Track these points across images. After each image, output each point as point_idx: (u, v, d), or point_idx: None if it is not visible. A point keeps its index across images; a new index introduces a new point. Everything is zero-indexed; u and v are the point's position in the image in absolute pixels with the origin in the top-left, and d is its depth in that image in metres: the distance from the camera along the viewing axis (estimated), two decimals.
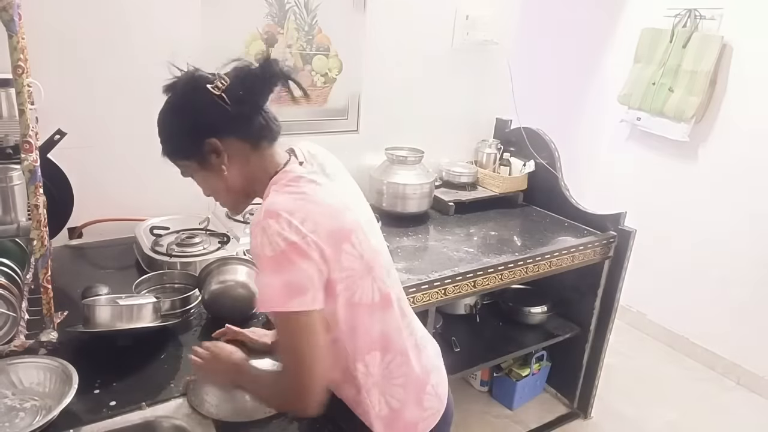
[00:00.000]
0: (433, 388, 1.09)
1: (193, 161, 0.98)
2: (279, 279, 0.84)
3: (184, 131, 0.96)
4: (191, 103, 0.94)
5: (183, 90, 0.95)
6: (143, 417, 1.01)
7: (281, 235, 0.84)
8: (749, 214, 2.76)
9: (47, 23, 1.58)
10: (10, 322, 1.16)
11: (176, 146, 0.98)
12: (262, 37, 1.96)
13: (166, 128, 0.98)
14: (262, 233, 0.85)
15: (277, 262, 0.84)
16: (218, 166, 0.96)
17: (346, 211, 0.95)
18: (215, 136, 0.94)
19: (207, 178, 1.00)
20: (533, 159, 2.47)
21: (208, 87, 0.92)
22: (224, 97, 0.92)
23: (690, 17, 2.84)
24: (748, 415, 2.67)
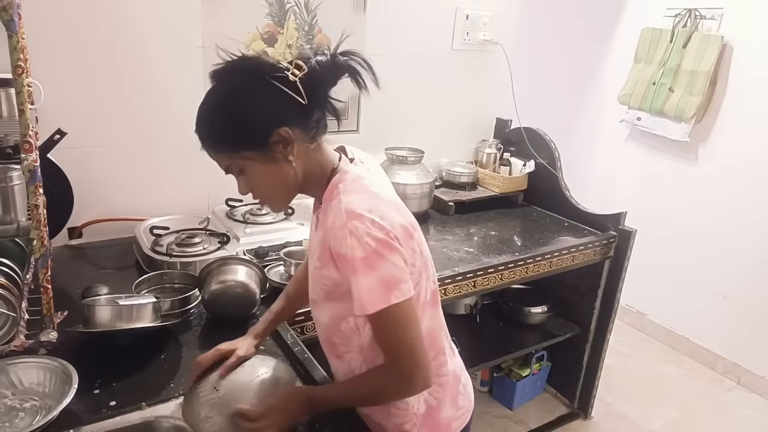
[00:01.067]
0: (464, 387, 1.12)
1: (256, 152, 0.91)
2: (375, 277, 0.85)
3: (250, 119, 0.89)
4: (260, 89, 0.88)
5: (248, 75, 0.90)
6: (143, 417, 1.01)
7: (369, 234, 0.85)
8: (749, 213, 2.76)
9: (47, 23, 1.58)
10: (10, 322, 1.16)
11: (235, 137, 0.90)
12: (263, 37, 1.97)
13: (223, 117, 0.90)
14: (350, 236, 0.85)
15: (370, 261, 0.85)
16: (284, 159, 0.91)
17: (403, 210, 0.97)
18: (286, 126, 0.89)
19: (265, 173, 0.93)
20: (533, 159, 2.47)
21: (284, 73, 0.88)
22: (298, 86, 0.88)
23: (690, 17, 2.84)
24: (748, 415, 2.67)
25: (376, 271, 0.85)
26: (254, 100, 0.89)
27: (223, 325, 1.34)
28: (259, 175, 0.94)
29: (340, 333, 1.02)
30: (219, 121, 0.91)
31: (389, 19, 2.23)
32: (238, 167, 0.93)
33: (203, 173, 1.95)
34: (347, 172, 0.96)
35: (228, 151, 0.92)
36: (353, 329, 1.00)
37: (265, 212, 1.89)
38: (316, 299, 1.03)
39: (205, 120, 0.92)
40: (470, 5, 2.41)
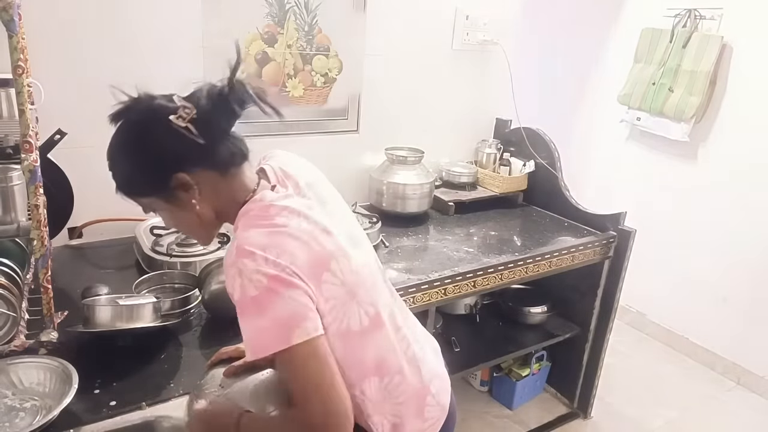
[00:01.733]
0: (434, 397, 1.04)
1: (157, 198, 0.89)
2: (269, 318, 0.79)
3: (146, 167, 0.87)
4: (153, 135, 0.85)
5: (141, 120, 0.87)
6: (143, 417, 1.01)
7: (260, 271, 0.78)
8: (749, 213, 2.76)
9: (47, 23, 1.58)
10: (10, 322, 1.16)
11: (136, 183, 0.89)
12: (262, 37, 1.97)
13: (121, 164, 0.89)
14: (239, 275, 0.79)
15: (260, 300, 0.78)
16: (188, 201, 0.89)
17: (323, 236, 0.88)
18: (183, 170, 0.86)
19: (174, 214, 0.92)
20: (533, 159, 2.47)
21: (170, 118, 0.84)
22: (190, 128, 0.84)
23: (690, 17, 2.84)
24: (748, 415, 2.67)
25: (270, 311, 0.79)
26: (148, 148, 0.87)
27: (223, 325, 1.34)
28: (170, 217, 0.94)
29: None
30: (119, 168, 0.89)
31: (389, 19, 2.23)
32: (149, 208, 0.93)
33: None
34: (257, 201, 0.90)
35: (135, 196, 0.91)
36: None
37: None
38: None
39: (109, 162, 0.90)
40: (470, 5, 2.41)
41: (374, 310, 0.94)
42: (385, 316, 0.97)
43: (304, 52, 2.09)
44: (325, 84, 2.17)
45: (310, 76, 2.12)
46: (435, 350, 1.13)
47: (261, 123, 2.02)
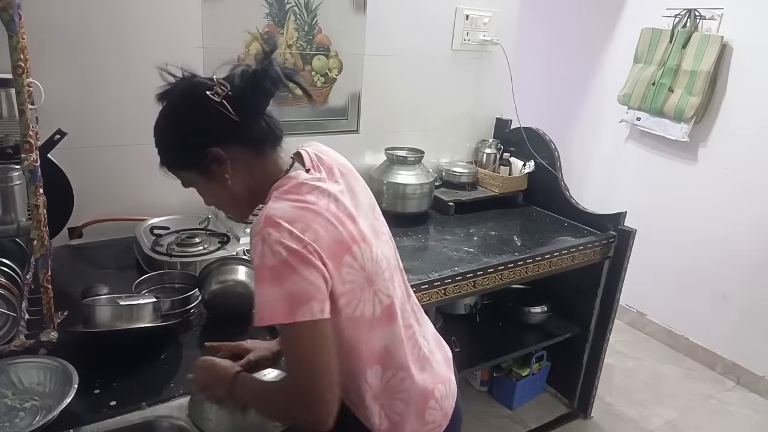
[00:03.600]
0: (438, 401, 1.04)
1: (194, 171, 0.95)
2: (281, 290, 0.81)
3: (184, 141, 0.93)
4: (190, 112, 0.91)
5: (181, 97, 0.92)
6: (143, 417, 1.01)
7: (282, 243, 0.81)
8: (749, 213, 2.76)
9: (47, 23, 1.58)
10: (10, 322, 1.16)
11: (176, 157, 0.95)
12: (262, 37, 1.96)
13: (164, 138, 0.95)
14: (262, 242, 0.82)
15: (278, 271, 0.81)
16: (221, 176, 0.93)
17: (349, 221, 0.91)
18: (217, 145, 0.91)
19: (209, 188, 0.97)
20: (533, 159, 2.47)
21: (207, 94, 0.88)
22: (225, 104, 0.88)
23: (690, 17, 2.84)
24: (748, 415, 2.67)
25: (283, 284, 0.81)
26: (186, 122, 0.92)
27: (223, 325, 1.34)
28: (206, 191, 0.99)
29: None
30: (162, 143, 0.95)
31: (389, 19, 2.23)
32: (187, 183, 0.99)
33: None
34: (291, 178, 0.93)
35: (175, 169, 0.97)
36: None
37: None
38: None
39: (155, 141, 0.96)
40: (470, 5, 2.41)
41: (388, 302, 0.97)
42: (398, 311, 0.99)
43: (304, 52, 2.09)
44: (325, 84, 2.17)
45: (310, 76, 2.12)
46: (447, 358, 1.14)
47: None
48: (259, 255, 0.82)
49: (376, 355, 0.96)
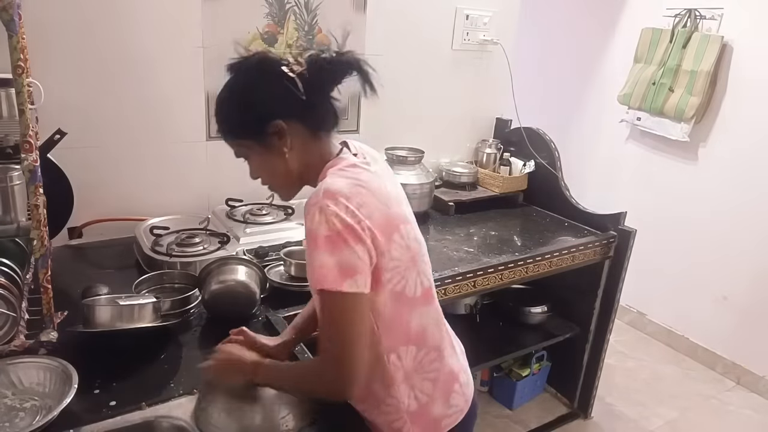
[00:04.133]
0: (461, 386, 1.11)
1: (253, 141, 0.97)
2: (333, 258, 0.85)
3: (250, 110, 0.95)
4: (262, 83, 0.95)
5: (254, 69, 0.96)
6: (143, 417, 1.01)
7: (338, 216, 0.86)
8: (749, 213, 2.76)
9: (47, 23, 1.58)
10: (10, 322, 1.16)
11: (238, 125, 0.98)
12: (263, 37, 1.97)
13: (229, 106, 0.98)
14: (319, 212, 0.86)
15: (332, 241, 0.85)
16: (279, 149, 0.96)
17: (395, 203, 0.98)
18: (281, 119, 0.94)
19: (265, 161, 0.99)
20: (533, 159, 2.47)
21: (283, 69, 0.93)
22: (297, 81, 0.92)
23: (690, 17, 2.84)
24: (748, 415, 2.67)
25: (335, 254, 0.85)
26: (256, 93, 0.95)
27: (223, 325, 1.34)
28: (260, 163, 1.01)
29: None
30: (225, 110, 0.98)
31: (389, 19, 2.23)
32: (242, 153, 1.01)
33: (203, 173, 1.96)
34: (343, 159, 0.98)
35: (231, 137, 0.99)
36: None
37: (265, 212, 1.89)
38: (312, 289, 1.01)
39: (217, 107, 0.99)
40: (470, 5, 2.41)
41: (428, 285, 1.03)
42: (434, 294, 1.07)
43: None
44: None
45: None
46: (462, 351, 1.19)
47: None
48: (316, 223, 0.86)
49: (412, 335, 1.01)
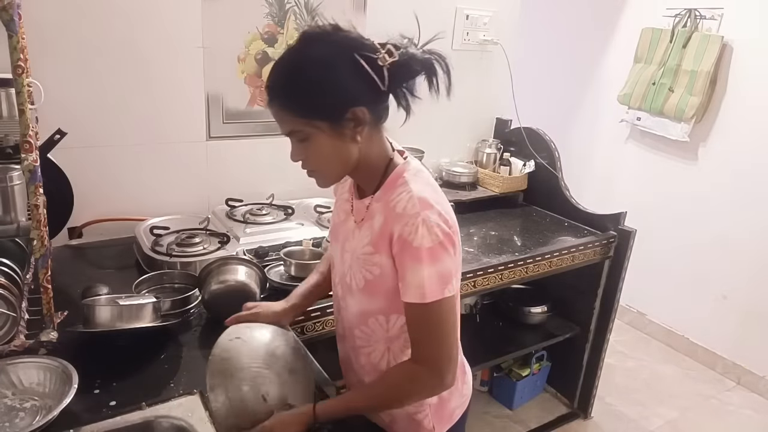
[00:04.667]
0: (467, 376, 1.17)
1: (327, 124, 0.89)
2: (434, 269, 0.87)
3: (335, 92, 0.88)
4: (351, 66, 0.87)
5: (345, 48, 0.88)
6: (143, 417, 1.01)
7: (439, 226, 0.88)
8: (749, 213, 2.76)
9: (47, 23, 1.58)
10: (10, 322, 1.16)
11: (316, 104, 0.88)
12: (262, 37, 1.97)
13: (309, 82, 0.87)
14: (422, 225, 0.87)
15: (435, 252, 0.87)
16: (351, 136, 0.91)
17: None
18: (362, 106, 0.89)
19: (328, 146, 0.91)
20: (533, 159, 2.47)
21: (374, 56, 0.87)
22: (384, 72, 0.88)
23: (690, 17, 2.84)
24: (748, 415, 2.67)
25: (437, 264, 0.88)
26: (340, 73, 0.87)
27: (223, 326, 1.34)
28: (322, 147, 0.92)
29: (365, 328, 1.04)
30: (301, 85, 0.88)
31: (389, 19, 2.22)
32: (304, 134, 0.91)
33: (203, 173, 1.96)
34: (409, 162, 0.98)
35: (300, 115, 0.90)
36: (380, 325, 1.02)
37: (265, 212, 1.89)
38: (353, 287, 1.02)
39: (287, 79, 0.89)
40: (470, 5, 2.41)
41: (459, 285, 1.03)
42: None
43: None
44: None
45: None
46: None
47: (261, 123, 2.02)
48: (419, 237, 0.87)
49: None
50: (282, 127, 0.93)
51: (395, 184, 0.95)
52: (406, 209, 0.90)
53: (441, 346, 0.91)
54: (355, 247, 1.01)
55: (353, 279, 1.01)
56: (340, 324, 1.12)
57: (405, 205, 0.90)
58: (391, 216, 0.92)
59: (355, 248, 1.00)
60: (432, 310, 0.90)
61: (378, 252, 0.95)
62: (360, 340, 1.06)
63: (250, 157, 2.02)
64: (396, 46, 0.90)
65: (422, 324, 0.92)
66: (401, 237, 0.89)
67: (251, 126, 2.02)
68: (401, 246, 0.90)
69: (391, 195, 0.94)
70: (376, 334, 1.03)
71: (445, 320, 0.91)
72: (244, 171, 2.03)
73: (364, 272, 0.98)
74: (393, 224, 0.91)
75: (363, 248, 0.98)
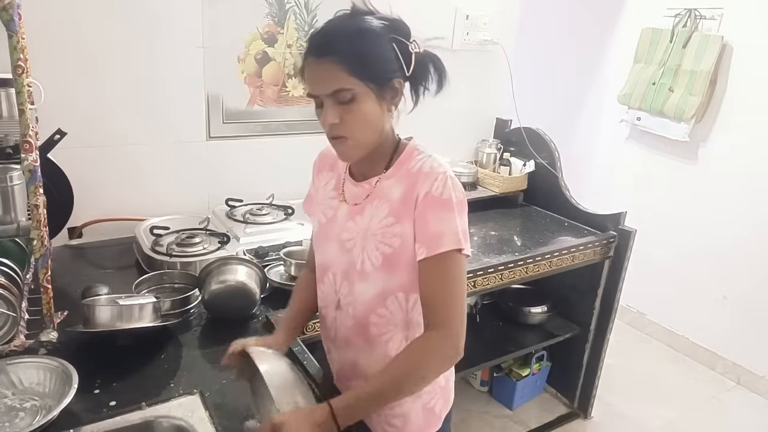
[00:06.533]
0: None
1: (375, 86, 0.94)
2: (458, 222, 0.93)
3: (387, 60, 0.96)
4: (399, 44, 0.96)
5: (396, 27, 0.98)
6: (143, 417, 1.01)
7: (459, 188, 0.95)
8: (749, 213, 2.76)
9: (47, 23, 1.58)
10: (10, 322, 1.16)
11: (373, 66, 0.94)
12: (262, 37, 1.97)
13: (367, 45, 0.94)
14: (450, 180, 0.94)
15: (461, 206, 0.94)
16: (389, 105, 0.98)
17: None
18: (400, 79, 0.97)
19: (371, 109, 0.95)
20: (533, 159, 2.47)
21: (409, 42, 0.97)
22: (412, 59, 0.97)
23: (690, 17, 2.84)
24: (748, 415, 2.67)
25: (462, 217, 0.94)
26: (388, 46, 0.96)
27: (223, 325, 1.34)
28: (365, 109, 0.94)
29: (383, 311, 1.01)
30: (360, 46, 0.93)
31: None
32: (352, 93, 0.92)
33: (203, 173, 1.96)
34: (416, 144, 1.05)
35: (355, 73, 0.91)
36: (399, 305, 1.01)
37: (265, 212, 1.89)
38: (367, 269, 1.00)
39: (348, 37, 0.94)
40: (470, 5, 2.41)
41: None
42: None
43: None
44: None
45: None
46: None
47: (261, 123, 2.02)
48: (448, 188, 0.93)
49: None
50: (327, 85, 0.92)
51: (412, 155, 1.01)
52: (432, 168, 0.96)
53: (457, 306, 0.93)
54: (365, 226, 1.00)
55: (367, 260, 0.99)
56: (343, 327, 1.08)
57: (430, 164, 0.97)
58: (415, 179, 0.96)
59: (366, 227, 1.00)
60: (457, 261, 0.93)
61: (399, 221, 0.97)
62: (376, 328, 1.03)
63: (250, 157, 2.02)
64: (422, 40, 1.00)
65: (444, 279, 0.93)
66: (429, 194, 0.93)
67: (251, 126, 2.02)
68: (429, 201, 0.93)
69: (410, 163, 1.00)
70: (395, 317, 1.01)
71: (461, 279, 0.94)
72: (244, 171, 2.03)
73: (383, 247, 0.98)
74: (419, 185, 0.95)
75: (381, 221, 0.99)
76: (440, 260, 0.92)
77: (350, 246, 1.02)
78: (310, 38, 0.97)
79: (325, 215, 1.10)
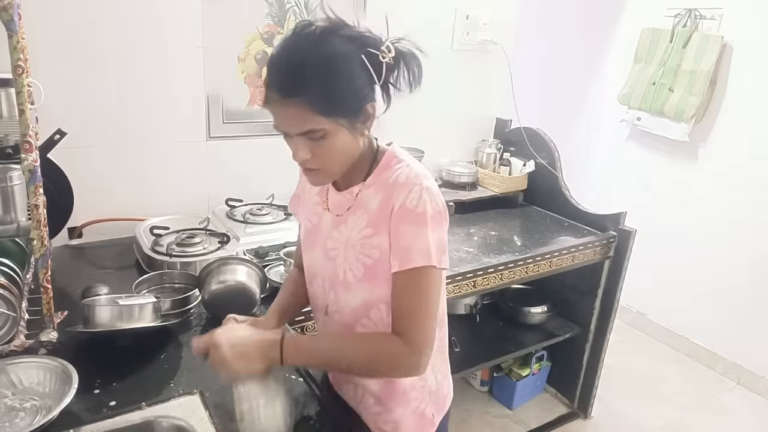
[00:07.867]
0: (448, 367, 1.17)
1: (347, 121, 0.88)
2: (435, 236, 0.89)
3: (355, 90, 0.88)
4: (359, 61, 0.87)
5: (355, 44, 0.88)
6: (143, 417, 1.01)
7: (439, 197, 0.91)
8: (749, 213, 2.76)
9: (47, 23, 1.58)
10: (10, 322, 1.16)
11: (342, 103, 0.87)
12: (262, 37, 1.97)
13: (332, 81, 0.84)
14: (425, 191, 0.89)
15: (435, 220, 0.90)
16: (361, 131, 0.93)
17: None
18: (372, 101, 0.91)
19: (344, 143, 0.90)
20: (533, 159, 2.47)
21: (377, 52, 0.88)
22: (382, 68, 0.89)
23: (690, 17, 2.84)
24: (748, 415, 2.67)
25: (436, 231, 0.90)
26: (357, 70, 0.88)
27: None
28: (338, 144, 0.89)
29: (366, 321, 1.01)
30: (332, 83, 0.85)
31: (389, 19, 2.22)
32: (324, 132, 0.87)
33: (203, 173, 1.96)
34: (394, 146, 1.02)
35: (326, 114, 0.85)
36: (381, 318, 0.99)
37: (265, 212, 1.89)
38: (350, 280, 0.99)
39: (316, 76, 0.84)
40: (470, 5, 2.41)
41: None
42: None
43: None
44: None
45: None
46: None
47: (261, 123, 2.02)
48: (422, 201, 0.89)
49: (441, 314, 1.04)
50: (297, 126, 0.86)
51: (390, 165, 0.97)
52: (408, 178, 0.92)
53: (425, 321, 0.90)
54: (347, 237, 0.98)
55: (349, 271, 0.98)
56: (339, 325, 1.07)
57: (407, 174, 0.93)
58: (391, 189, 0.93)
59: (347, 238, 0.98)
60: (428, 276, 0.90)
61: (377, 233, 0.93)
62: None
63: (250, 157, 2.02)
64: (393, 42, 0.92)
65: (409, 294, 0.90)
66: (403, 206, 0.90)
67: (251, 126, 2.02)
68: (402, 214, 0.90)
69: (388, 173, 0.96)
70: (379, 328, 1.01)
71: (431, 294, 0.91)
72: (244, 171, 2.03)
73: (363, 258, 0.96)
74: (394, 196, 0.91)
75: (360, 232, 0.96)
76: (411, 275, 0.89)
77: (334, 255, 1.01)
78: (273, 69, 0.87)
79: (310, 221, 1.09)
